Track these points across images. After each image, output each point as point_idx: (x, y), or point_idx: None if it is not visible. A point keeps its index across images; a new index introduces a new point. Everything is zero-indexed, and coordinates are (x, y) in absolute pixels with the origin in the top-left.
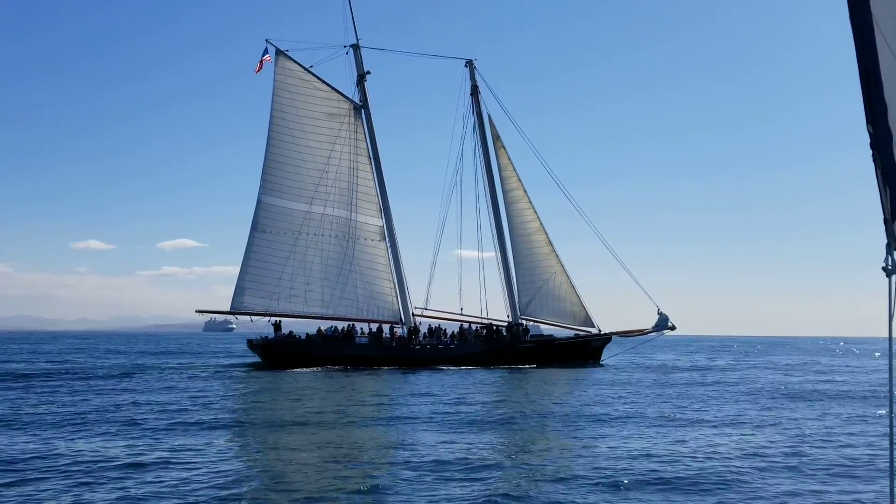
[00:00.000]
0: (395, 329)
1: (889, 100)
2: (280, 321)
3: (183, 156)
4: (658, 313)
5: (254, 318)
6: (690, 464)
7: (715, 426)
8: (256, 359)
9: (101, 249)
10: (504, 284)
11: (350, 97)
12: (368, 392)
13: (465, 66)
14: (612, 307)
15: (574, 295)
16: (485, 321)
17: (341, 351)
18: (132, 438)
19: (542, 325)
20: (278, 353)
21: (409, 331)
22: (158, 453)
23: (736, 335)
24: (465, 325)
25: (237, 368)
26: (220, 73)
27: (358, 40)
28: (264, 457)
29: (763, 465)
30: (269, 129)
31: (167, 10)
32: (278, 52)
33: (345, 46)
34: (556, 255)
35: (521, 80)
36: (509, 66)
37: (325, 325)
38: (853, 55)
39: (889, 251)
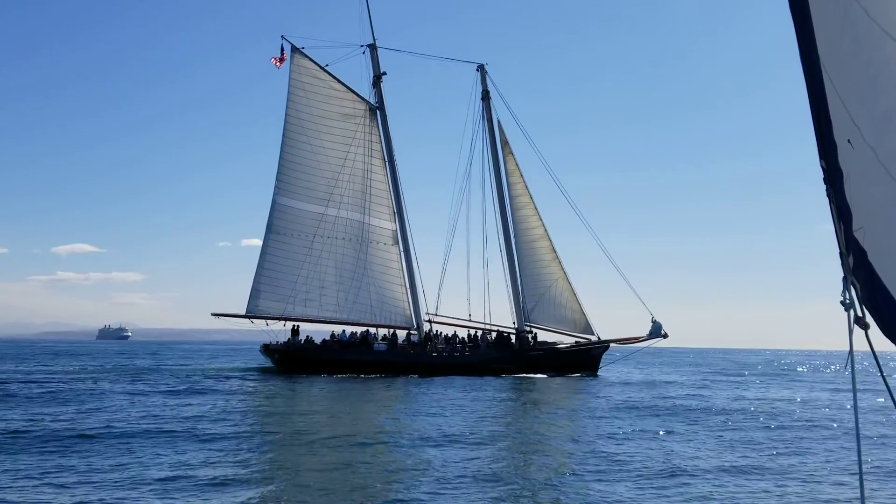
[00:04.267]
0: (411, 335)
1: (838, 139)
2: (298, 326)
3: (91, 163)
4: (652, 321)
5: (269, 322)
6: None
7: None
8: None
9: None
10: (510, 291)
11: (366, 98)
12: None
13: (477, 70)
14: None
15: (575, 302)
16: (493, 328)
17: (360, 357)
18: (157, 450)
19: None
20: (297, 359)
21: (425, 337)
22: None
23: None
24: (479, 333)
25: (252, 373)
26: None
27: (375, 40)
28: (283, 468)
29: None
30: (284, 129)
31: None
32: (294, 50)
33: (361, 46)
34: (559, 262)
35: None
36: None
37: (338, 329)
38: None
39: (846, 285)
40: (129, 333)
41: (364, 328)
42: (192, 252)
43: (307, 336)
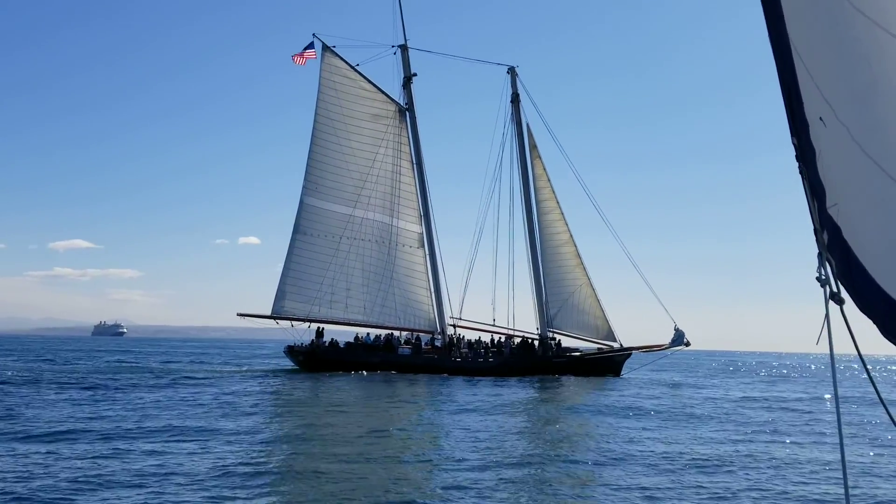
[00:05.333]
0: (435, 339)
1: (810, 117)
2: (323, 328)
3: (89, 160)
4: (674, 329)
5: (294, 324)
6: None
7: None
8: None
9: None
10: (534, 296)
11: (395, 99)
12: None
13: (508, 72)
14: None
15: (598, 309)
16: (517, 333)
17: (384, 361)
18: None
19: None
20: (321, 361)
21: (449, 342)
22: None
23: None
24: (503, 339)
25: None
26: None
27: (406, 41)
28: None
29: None
30: (314, 128)
31: None
32: (325, 48)
33: (392, 46)
34: (584, 268)
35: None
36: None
37: (362, 332)
38: None
39: (820, 261)
40: (125, 330)
41: (388, 331)
42: (189, 249)
43: (332, 339)
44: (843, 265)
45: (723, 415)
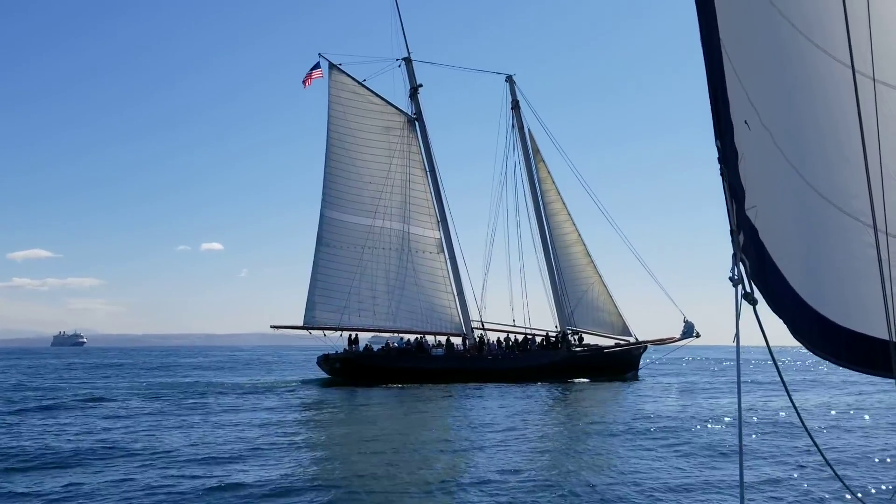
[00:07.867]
0: (466, 341)
1: (735, 120)
2: (357, 335)
3: (40, 162)
4: (684, 321)
5: (327, 332)
6: None
7: None
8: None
9: None
10: (550, 295)
11: (404, 110)
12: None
13: (506, 81)
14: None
15: (612, 305)
16: (538, 332)
17: (419, 364)
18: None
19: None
20: (359, 367)
21: (479, 342)
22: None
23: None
24: (529, 336)
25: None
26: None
27: (409, 53)
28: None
29: None
30: (328, 143)
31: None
32: (331, 66)
33: (396, 60)
34: (594, 266)
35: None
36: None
37: (392, 338)
38: None
39: (735, 262)
40: (85, 340)
41: (418, 336)
42: (151, 256)
43: (367, 344)
44: (757, 266)
45: None
